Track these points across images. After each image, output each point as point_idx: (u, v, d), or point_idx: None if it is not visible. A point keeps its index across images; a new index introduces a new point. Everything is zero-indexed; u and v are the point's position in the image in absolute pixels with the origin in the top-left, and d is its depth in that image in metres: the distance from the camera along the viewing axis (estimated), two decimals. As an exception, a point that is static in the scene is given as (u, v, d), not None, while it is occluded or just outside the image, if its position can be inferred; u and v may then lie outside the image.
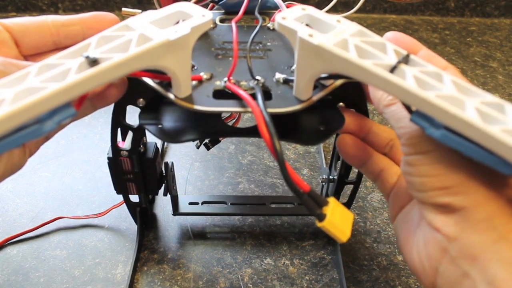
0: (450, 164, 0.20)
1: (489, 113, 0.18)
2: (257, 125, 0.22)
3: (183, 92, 0.25)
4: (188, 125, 0.33)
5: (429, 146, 0.21)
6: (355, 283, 0.41)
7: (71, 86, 0.19)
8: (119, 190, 0.41)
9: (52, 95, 0.19)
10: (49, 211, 0.47)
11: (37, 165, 0.53)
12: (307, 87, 0.25)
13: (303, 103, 0.26)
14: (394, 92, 0.20)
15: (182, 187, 0.50)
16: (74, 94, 0.19)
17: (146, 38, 0.22)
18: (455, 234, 0.20)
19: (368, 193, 0.50)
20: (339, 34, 0.22)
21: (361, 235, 0.46)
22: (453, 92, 0.19)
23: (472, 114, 0.18)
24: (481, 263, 0.19)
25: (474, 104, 0.19)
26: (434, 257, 0.21)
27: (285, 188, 0.50)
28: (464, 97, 0.19)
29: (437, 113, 0.19)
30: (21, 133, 0.19)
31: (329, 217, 0.21)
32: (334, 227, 0.21)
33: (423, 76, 0.20)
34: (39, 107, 0.18)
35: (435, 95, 0.19)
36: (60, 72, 0.20)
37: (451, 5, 0.91)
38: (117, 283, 0.41)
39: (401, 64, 0.20)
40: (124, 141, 0.37)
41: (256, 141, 0.57)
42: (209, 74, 0.27)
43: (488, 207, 0.20)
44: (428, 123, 0.20)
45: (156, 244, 0.44)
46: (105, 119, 0.60)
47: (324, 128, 0.31)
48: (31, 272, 0.41)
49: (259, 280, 0.41)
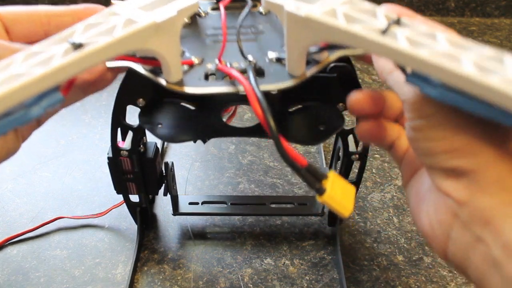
0: (455, 126, 0.20)
1: (487, 66, 0.18)
2: (249, 102, 0.21)
3: (174, 76, 0.25)
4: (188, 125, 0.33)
5: (431, 109, 0.20)
6: (355, 283, 0.41)
7: (56, 70, 0.19)
8: (119, 190, 0.41)
9: (37, 79, 0.18)
10: (49, 211, 0.47)
11: (37, 165, 0.53)
12: (299, 61, 0.25)
13: (297, 78, 0.25)
14: (386, 54, 0.19)
15: (182, 187, 0.50)
16: (60, 79, 0.19)
17: (132, 21, 0.21)
18: (465, 198, 0.20)
19: (368, 193, 0.50)
20: (327, 4, 0.21)
21: (361, 235, 0.46)
22: (448, 48, 0.19)
23: (469, 68, 0.17)
24: (494, 227, 0.18)
25: (471, 58, 0.18)
26: (445, 222, 0.21)
27: (285, 188, 0.50)
28: (460, 52, 0.18)
29: (432, 71, 0.18)
30: (8, 119, 0.19)
31: (329, 191, 0.20)
32: (335, 201, 0.21)
33: (415, 36, 0.19)
34: (24, 92, 0.18)
35: (428, 52, 0.18)
36: (46, 58, 0.19)
37: (451, 5, 0.91)
38: (117, 283, 0.41)
39: (392, 26, 0.20)
40: (124, 141, 0.37)
41: (256, 141, 0.57)
42: (200, 58, 0.27)
43: (498, 168, 0.19)
44: (425, 82, 0.20)
45: (156, 244, 0.44)
46: (105, 119, 0.60)
47: (324, 128, 0.31)
48: (31, 272, 0.41)
49: (259, 280, 0.41)
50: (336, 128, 0.32)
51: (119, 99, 0.34)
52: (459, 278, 0.42)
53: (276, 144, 0.20)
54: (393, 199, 0.49)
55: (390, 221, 0.47)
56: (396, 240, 0.45)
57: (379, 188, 0.51)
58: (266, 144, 0.56)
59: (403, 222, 0.47)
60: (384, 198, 0.50)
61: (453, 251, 0.21)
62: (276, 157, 0.54)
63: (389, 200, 0.49)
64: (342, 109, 0.33)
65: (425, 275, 0.42)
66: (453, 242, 0.21)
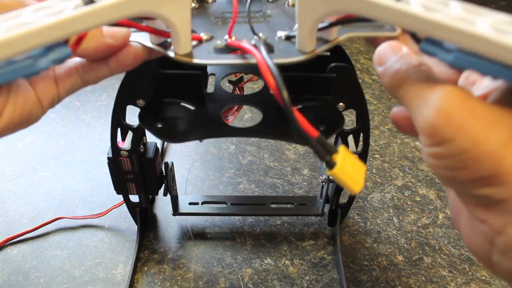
0: (476, 154, 0.18)
1: (503, 28, 0.17)
2: (262, 74, 0.21)
3: (183, 48, 0.25)
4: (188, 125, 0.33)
5: (449, 134, 0.18)
6: (355, 283, 0.41)
7: (65, 21, 0.19)
8: (119, 190, 0.41)
9: (46, 28, 0.18)
10: (49, 211, 0.47)
11: (37, 165, 0.53)
12: (310, 36, 0.24)
13: (307, 54, 0.25)
14: (401, 19, 0.19)
15: (182, 187, 0.50)
16: (69, 31, 0.19)
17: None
18: (500, 227, 0.18)
19: (368, 193, 0.50)
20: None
21: (361, 235, 0.46)
22: (463, 13, 0.18)
23: (485, 29, 0.17)
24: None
25: (487, 22, 0.18)
26: (484, 247, 0.20)
27: (285, 188, 0.50)
28: (475, 17, 0.18)
29: (448, 34, 0.17)
30: (14, 67, 0.19)
31: (340, 164, 0.20)
32: (346, 174, 0.20)
33: (429, 2, 0.19)
34: (32, 39, 0.18)
35: (443, 16, 0.18)
36: (56, 10, 0.19)
37: (451, 5, 0.91)
38: (117, 283, 0.41)
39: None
40: (124, 141, 0.37)
41: (256, 141, 0.57)
42: (209, 35, 0.27)
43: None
44: (439, 48, 0.19)
45: (156, 244, 0.44)
46: (105, 119, 0.60)
47: (324, 128, 0.31)
48: (31, 272, 0.41)
49: (259, 280, 0.41)
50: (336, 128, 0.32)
51: (119, 99, 0.34)
52: (459, 278, 0.42)
53: (289, 114, 0.20)
54: (393, 199, 0.49)
55: (390, 221, 0.47)
56: (396, 240, 0.45)
57: (379, 188, 0.51)
58: (266, 144, 0.56)
59: (403, 222, 0.47)
60: (384, 198, 0.50)
61: (499, 271, 0.20)
62: (276, 157, 0.54)
63: (389, 200, 0.49)
64: (342, 109, 0.34)
65: (425, 275, 0.42)
66: (496, 265, 0.20)
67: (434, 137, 0.19)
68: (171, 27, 0.24)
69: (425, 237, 0.45)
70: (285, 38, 0.26)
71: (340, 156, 0.20)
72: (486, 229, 0.19)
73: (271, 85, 0.21)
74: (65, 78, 0.24)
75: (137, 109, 0.33)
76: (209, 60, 0.25)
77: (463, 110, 0.18)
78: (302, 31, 0.24)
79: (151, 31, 0.25)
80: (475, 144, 0.18)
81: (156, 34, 0.25)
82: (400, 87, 0.21)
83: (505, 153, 0.17)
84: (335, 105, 0.33)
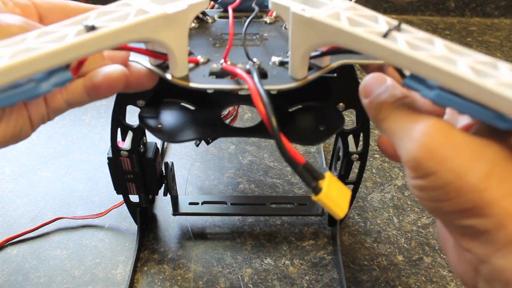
0: (459, 186, 0.18)
1: (482, 70, 0.18)
2: (252, 100, 0.22)
3: (180, 71, 0.26)
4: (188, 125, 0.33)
5: (432, 168, 0.18)
6: (355, 283, 0.41)
7: (67, 47, 0.19)
8: (119, 190, 0.41)
9: (49, 54, 0.19)
10: (49, 211, 0.47)
11: (37, 165, 0.53)
12: (302, 64, 0.25)
13: (299, 81, 0.26)
14: (386, 56, 0.20)
15: (182, 187, 0.50)
16: (71, 57, 0.20)
17: (144, 11, 0.22)
18: (484, 257, 0.19)
19: (368, 193, 0.50)
20: (331, 9, 0.22)
21: (361, 235, 0.46)
22: (445, 52, 0.19)
23: (465, 70, 0.18)
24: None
25: (467, 62, 0.18)
26: (469, 274, 0.20)
27: (285, 188, 0.50)
28: (457, 56, 0.19)
29: (430, 73, 0.18)
30: (17, 91, 0.20)
31: (326, 190, 0.21)
32: (331, 200, 0.21)
33: (414, 41, 0.20)
34: (35, 64, 0.19)
35: (426, 55, 0.19)
36: (59, 36, 0.20)
37: (451, 5, 0.91)
38: (117, 283, 0.41)
39: (393, 31, 0.20)
40: (124, 141, 0.37)
41: (256, 141, 0.57)
42: (206, 58, 0.28)
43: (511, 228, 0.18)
44: (422, 85, 0.20)
45: (156, 244, 0.44)
46: (105, 119, 0.60)
47: (324, 128, 0.31)
48: (31, 272, 0.41)
49: (259, 280, 0.41)
50: (336, 128, 0.33)
51: (119, 99, 0.34)
52: (459, 278, 0.42)
53: (277, 141, 0.21)
54: (393, 199, 0.49)
55: (390, 221, 0.47)
56: (396, 240, 0.45)
57: (379, 188, 0.51)
58: (266, 144, 0.56)
59: (403, 222, 0.47)
60: (384, 198, 0.50)
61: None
62: (276, 157, 0.54)
63: (389, 200, 0.49)
64: (342, 109, 0.34)
65: (425, 275, 0.42)
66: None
67: (417, 170, 0.19)
68: (169, 52, 0.25)
69: (425, 237, 0.45)
70: (278, 63, 0.28)
71: (326, 182, 0.21)
72: (471, 258, 0.20)
73: (261, 113, 0.22)
74: (53, 99, 0.24)
75: (137, 109, 0.33)
76: (204, 85, 0.26)
77: (445, 143, 0.19)
78: (295, 60, 0.25)
79: (150, 55, 0.26)
80: (457, 176, 0.18)
81: (154, 57, 0.26)
82: (385, 120, 0.22)
83: (486, 185, 0.18)
84: (335, 105, 0.33)
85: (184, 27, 0.24)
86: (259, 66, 0.27)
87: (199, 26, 0.32)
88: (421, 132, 0.19)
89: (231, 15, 0.29)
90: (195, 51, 0.29)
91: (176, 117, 0.33)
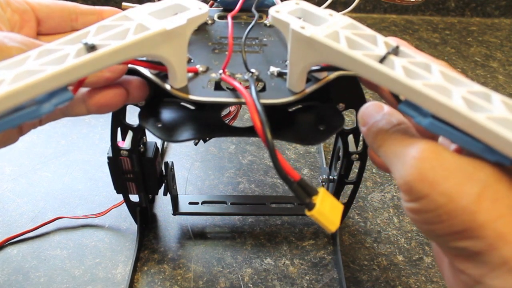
0: (451, 208, 0.18)
1: (475, 102, 0.19)
2: (250, 114, 0.23)
3: (179, 82, 0.26)
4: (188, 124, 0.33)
5: (424, 190, 0.19)
6: (355, 283, 0.41)
7: (68, 69, 0.20)
8: (119, 190, 0.41)
9: (50, 77, 0.19)
10: (49, 211, 0.47)
11: (37, 165, 0.53)
12: (300, 79, 0.25)
13: (296, 95, 0.26)
14: (383, 81, 0.20)
15: (182, 187, 0.50)
16: (72, 78, 0.20)
17: (144, 27, 0.22)
18: (478, 278, 0.19)
19: (368, 193, 0.50)
20: (330, 27, 0.22)
21: (361, 235, 0.46)
22: (441, 81, 0.20)
23: (459, 102, 0.18)
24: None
25: (461, 93, 0.19)
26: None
27: (285, 188, 0.50)
28: (451, 86, 0.19)
29: (424, 102, 0.19)
30: (19, 113, 0.20)
31: (318, 206, 0.21)
32: (323, 216, 0.21)
33: (411, 66, 0.20)
34: (37, 88, 0.19)
35: (422, 83, 0.19)
36: (59, 57, 0.20)
37: (452, 5, 0.91)
38: (117, 283, 0.41)
39: (391, 55, 0.21)
40: (124, 141, 0.37)
41: (256, 141, 0.57)
42: (205, 66, 0.28)
43: (505, 249, 0.18)
44: (416, 112, 0.20)
45: (156, 244, 0.44)
46: (105, 119, 0.60)
47: (324, 128, 0.31)
48: (31, 272, 0.41)
49: (259, 280, 0.41)
50: (336, 128, 0.32)
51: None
52: (459, 278, 0.42)
53: (272, 156, 0.21)
54: (393, 199, 0.49)
55: (390, 221, 0.47)
56: (396, 240, 0.45)
57: (379, 188, 0.51)
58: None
59: (403, 222, 0.47)
60: (384, 198, 0.50)
61: None
62: (276, 157, 0.54)
63: (389, 200, 0.49)
64: (342, 109, 0.33)
65: (425, 275, 0.42)
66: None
67: (410, 193, 0.19)
68: (168, 65, 0.25)
69: (425, 237, 0.45)
70: (277, 74, 0.28)
71: (319, 198, 0.22)
72: (466, 279, 0.20)
73: (257, 127, 0.22)
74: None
75: (137, 109, 0.33)
76: (203, 98, 0.26)
77: (436, 166, 0.19)
78: (293, 74, 0.26)
79: (149, 67, 0.26)
80: (448, 199, 0.18)
81: (154, 69, 0.26)
82: (381, 147, 0.22)
83: (477, 207, 0.18)
84: (335, 105, 0.33)
85: (183, 41, 0.24)
86: (257, 77, 0.28)
87: (199, 28, 0.32)
88: (413, 156, 0.19)
89: (230, 25, 0.29)
90: (194, 58, 0.29)
91: (176, 117, 0.33)
